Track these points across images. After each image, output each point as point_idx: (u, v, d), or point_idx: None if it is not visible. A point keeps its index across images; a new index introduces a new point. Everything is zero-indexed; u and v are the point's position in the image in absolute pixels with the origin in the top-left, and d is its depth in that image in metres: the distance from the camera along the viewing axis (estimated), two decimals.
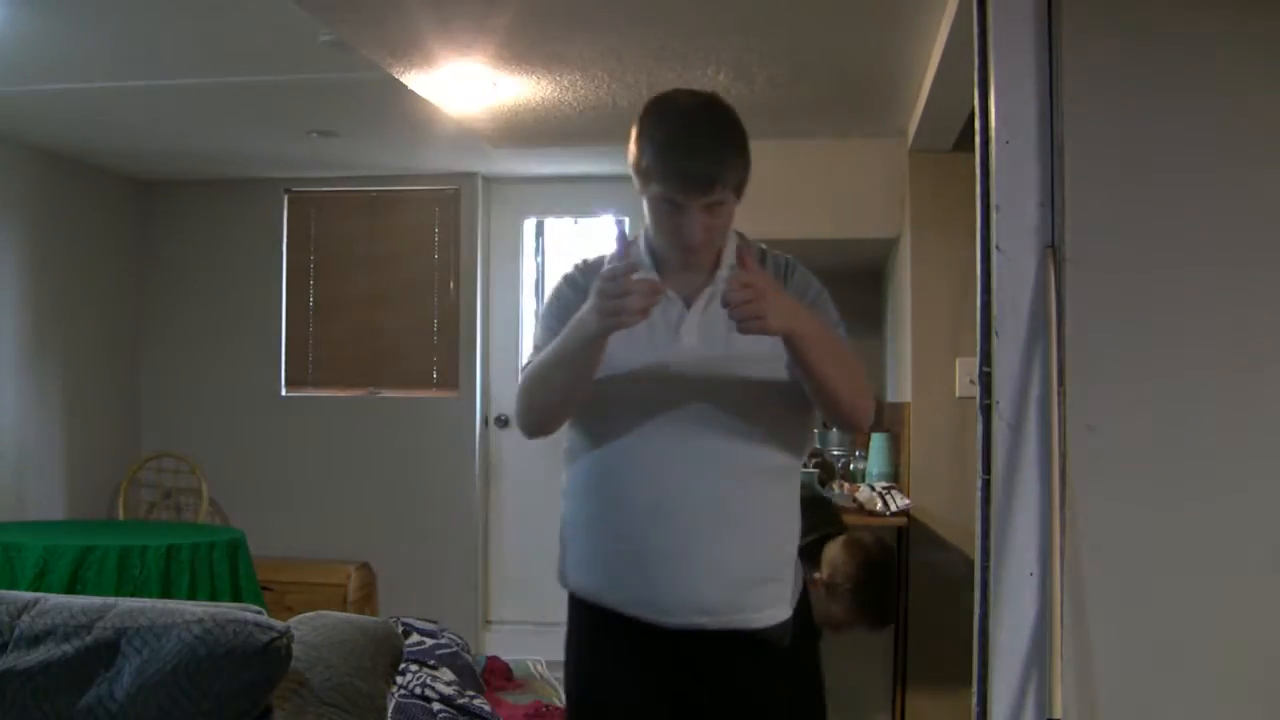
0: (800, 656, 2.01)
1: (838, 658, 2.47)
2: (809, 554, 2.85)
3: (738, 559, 1.88)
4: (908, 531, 3.85)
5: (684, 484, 1.86)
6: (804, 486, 2.10)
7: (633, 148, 1.88)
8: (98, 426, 5.64)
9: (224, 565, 4.40)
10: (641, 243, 1.99)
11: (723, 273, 1.90)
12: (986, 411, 2.03)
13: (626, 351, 1.86)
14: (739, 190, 1.87)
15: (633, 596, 1.88)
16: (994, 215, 2.03)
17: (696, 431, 1.87)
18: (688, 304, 1.92)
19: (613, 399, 1.89)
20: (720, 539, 1.86)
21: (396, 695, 4.14)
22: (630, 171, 1.91)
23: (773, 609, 1.92)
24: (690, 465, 1.86)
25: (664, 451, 1.86)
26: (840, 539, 3.11)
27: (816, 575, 2.99)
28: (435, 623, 5.06)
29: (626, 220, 5.82)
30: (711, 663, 1.92)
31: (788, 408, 1.93)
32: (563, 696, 4.74)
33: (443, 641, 4.77)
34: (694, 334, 1.89)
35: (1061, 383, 1.96)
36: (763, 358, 1.88)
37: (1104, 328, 1.98)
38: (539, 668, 5.08)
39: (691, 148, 1.80)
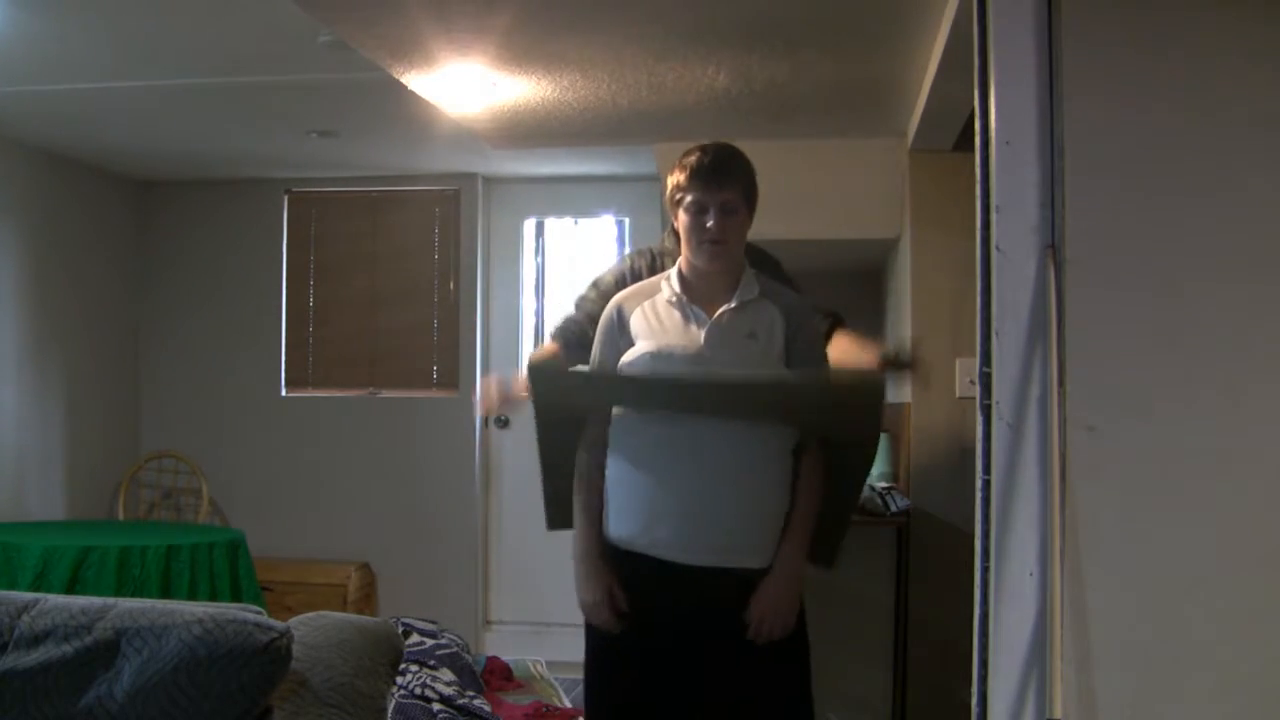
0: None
1: (838, 658, 2.48)
2: None
3: (740, 514, 2.40)
4: (908, 531, 3.85)
5: (701, 456, 2.38)
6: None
7: (670, 181, 2.49)
8: (98, 426, 5.64)
9: (224, 565, 4.40)
10: (673, 274, 2.52)
11: (738, 294, 2.46)
12: (986, 411, 2.03)
13: (660, 347, 2.42)
14: (749, 202, 2.47)
15: (658, 540, 2.41)
16: (994, 216, 2.03)
17: (712, 418, 2.39)
18: (709, 317, 2.44)
19: (649, 389, 2.44)
20: (727, 498, 2.38)
21: (396, 695, 4.14)
22: (668, 203, 2.51)
23: (765, 555, 2.43)
24: (705, 442, 2.38)
25: (686, 431, 2.39)
26: None
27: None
28: (435, 623, 5.07)
29: (627, 220, 5.85)
30: (713, 596, 2.39)
31: (781, 405, 2.45)
32: (563, 697, 4.76)
33: (443, 642, 4.78)
34: (713, 343, 2.42)
35: (1061, 383, 1.96)
36: (764, 363, 2.42)
37: (1104, 328, 1.98)
38: (539, 668, 5.09)
39: (710, 164, 2.44)
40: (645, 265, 2.74)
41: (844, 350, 2.72)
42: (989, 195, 2.05)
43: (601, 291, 2.74)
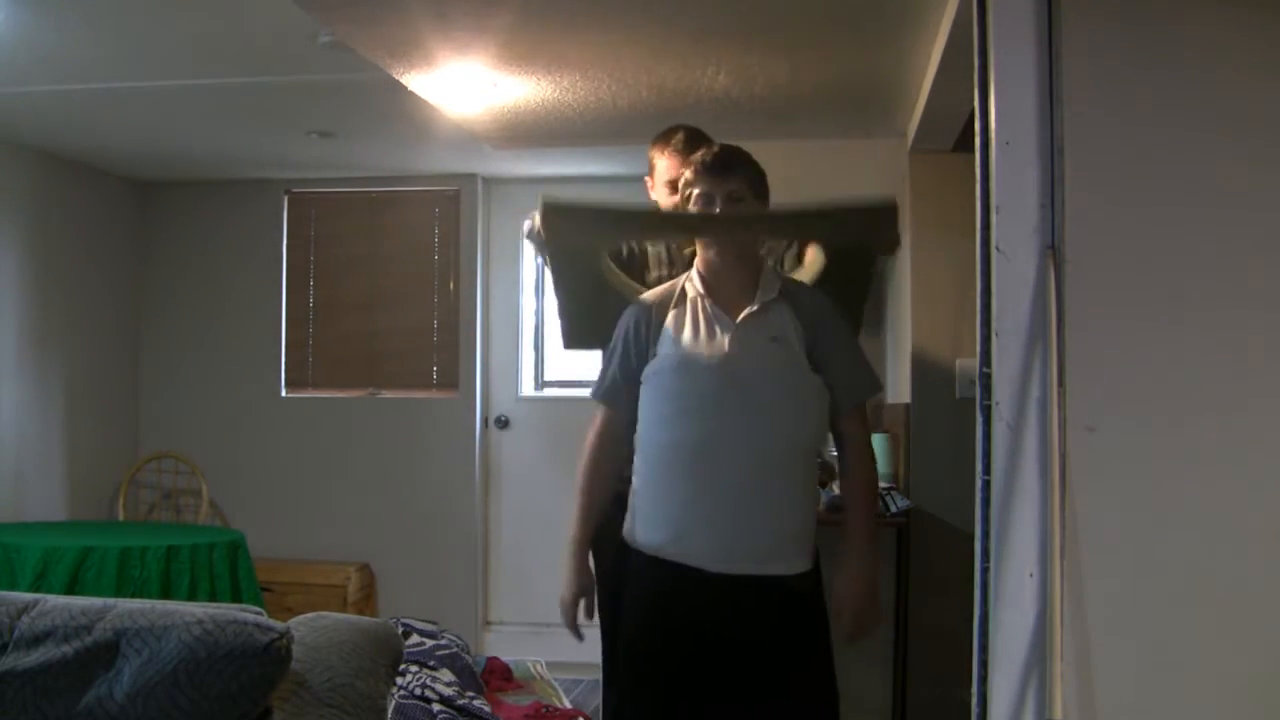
0: (814, 604, 2.47)
1: (838, 658, 2.47)
2: None
3: (773, 521, 2.37)
4: (907, 532, 3.85)
5: (730, 461, 2.34)
6: None
7: (680, 179, 2.49)
8: (98, 427, 5.64)
9: (224, 566, 4.40)
10: (694, 274, 2.50)
11: (759, 295, 2.43)
12: (986, 412, 2.03)
13: (686, 353, 2.41)
14: (756, 191, 2.45)
15: (692, 549, 2.36)
16: (994, 216, 2.03)
17: (741, 419, 2.36)
18: (733, 319, 2.42)
19: (674, 391, 2.41)
20: (761, 505, 2.35)
21: (396, 696, 4.14)
22: (679, 201, 2.50)
23: (798, 561, 2.40)
24: (737, 445, 2.34)
25: (716, 434, 2.35)
26: None
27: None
28: (435, 623, 5.06)
29: None
30: (744, 603, 2.36)
31: (808, 406, 2.43)
32: (563, 697, 4.75)
33: (443, 642, 4.77)
34: (737, 344, 2.40)
35: (1061, 383, 1.96)
36: (789, 367, 2.40)
37: (1104, 328, 1.98)
38: (539, 668, 5.08)
39: (716, 158, 2.45)
40: (664, 247, 2.87)
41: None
42: (989, 195, 2.05)
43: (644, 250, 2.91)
